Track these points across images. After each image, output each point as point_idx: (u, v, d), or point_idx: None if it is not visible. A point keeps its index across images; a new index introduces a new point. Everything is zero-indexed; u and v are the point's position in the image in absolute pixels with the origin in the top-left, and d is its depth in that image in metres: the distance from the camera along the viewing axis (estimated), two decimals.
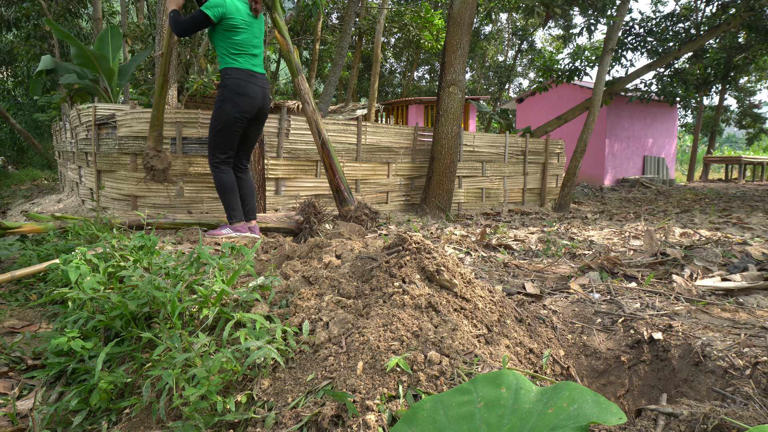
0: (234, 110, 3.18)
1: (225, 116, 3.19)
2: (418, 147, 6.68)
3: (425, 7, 15.11)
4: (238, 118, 3.21)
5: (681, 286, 2.18)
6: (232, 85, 3.16)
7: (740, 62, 11.26)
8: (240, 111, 3.20)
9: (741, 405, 1.21)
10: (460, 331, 1.33)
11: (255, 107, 3.28)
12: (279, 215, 3.84)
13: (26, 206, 7.19)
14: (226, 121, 3.20)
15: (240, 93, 3.17)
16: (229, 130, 3.23)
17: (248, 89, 3.20)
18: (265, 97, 3.35)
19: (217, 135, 3.24)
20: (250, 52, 3.25)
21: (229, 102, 3.16)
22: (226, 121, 3.20)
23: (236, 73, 3.19)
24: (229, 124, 3.21)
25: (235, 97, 3.16)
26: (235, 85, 3.16)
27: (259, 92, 3.28)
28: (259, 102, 3.29)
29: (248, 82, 3.21)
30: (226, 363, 1.22)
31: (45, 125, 14.91)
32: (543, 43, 25.72)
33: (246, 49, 3.22)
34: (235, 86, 3.16)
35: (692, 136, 22.94)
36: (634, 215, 6.64)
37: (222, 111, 3.18)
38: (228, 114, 3.18)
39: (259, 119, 3.41)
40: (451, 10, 6.10)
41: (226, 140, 3.26)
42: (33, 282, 2.50)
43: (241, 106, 3.19)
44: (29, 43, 11.09)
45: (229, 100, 3.16)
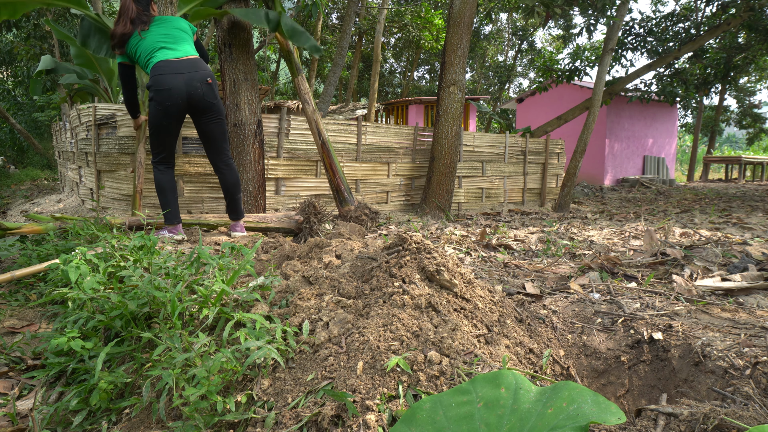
0: (156, 110, 3.03)
1: (152, 119, 3.07)
2: (418, 147, 6.68)
3: (425, 7, 15.11)
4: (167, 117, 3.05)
5: (681, 286, 2.18)
6: (151, 85, 3.02)
7: (740, 62, 11.26)
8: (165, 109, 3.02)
9: (741, 405, 1.21)
10: (460, 331, 1.33)
11: (179, 98, 3.02)
12: (279, 215, 3.83)
13: (26, 206, 7.20)
14: (152, 123, 3.08)
15: (158, 90, 2.99)
16: (158, 131, 3.10)
17: (163, 83, 2.99)
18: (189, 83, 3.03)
19: (151, 137, 3.15)
20: (159, 46, 3.10)
21: (154, 103, 3.02)
22: (152, 123, 3.08)
23: (153, 72, 3.04)
24: (157, 125, 3.08)
25: (155, 95, 3.00)
26: (153, 84, 3.01)
27: (175, 81, 3.00)
28: (180, 91, 3.01)
29: (162, 75, 3.01)
30: (226, 363, 1.22)
31: (45, 125, 14.91)
32: (543, 43, 25.73)
33: (153, 47, 3.10)
34: (153, 85, 3.01)
35: (692, 136, 22.94)
36: (634, 215, 6.65)
37: (149, 113, 3.08)
38: (154, 116, 3.05)
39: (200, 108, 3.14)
40: (451, 10, 6.10)
41: (160, 143, 3.14)
42: (33, 282, 2.50)
43: (161, 103, 3.00)
44: (29, 43, 11.09)
45: (154, 101, 3.02)
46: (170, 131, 3.14)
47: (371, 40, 15.78)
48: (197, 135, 4.95)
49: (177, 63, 3.05)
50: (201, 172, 5.00)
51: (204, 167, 5.00)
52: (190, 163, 4.93)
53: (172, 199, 3.21)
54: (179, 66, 3.04)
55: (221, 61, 4.13)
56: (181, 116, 3.13)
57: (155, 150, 3.17)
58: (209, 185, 5.06)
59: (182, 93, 3.01)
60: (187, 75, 3.03)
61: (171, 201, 3.20)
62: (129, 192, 4.86)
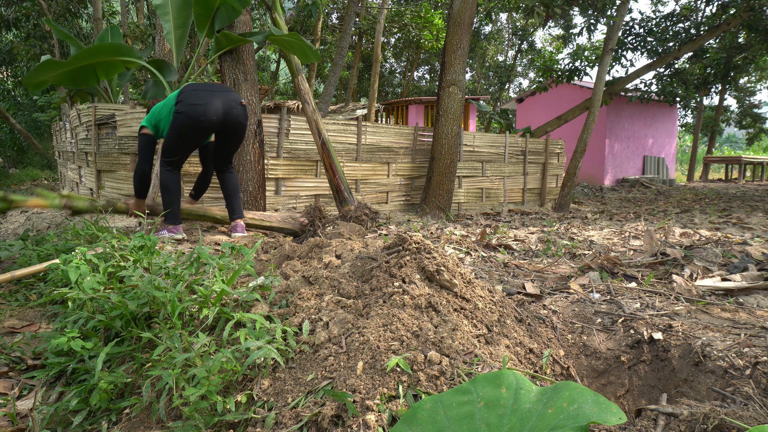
0: (189, 124, 3.06)
1: (178, 129, 3.09)
2: (418, 147, 6.68)
3: (425, 7, 15.11)
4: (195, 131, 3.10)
5: (681, 286, 2.18)
6: (183, 99, 3.06)
7: (740, 62, 11.26)
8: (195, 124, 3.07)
9: (741, 405, 1.21)
10: (460, 331, 1.33)
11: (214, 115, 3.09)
12: (283, 215, 3.82)
13: None
14: (177, 132, 3.11)
15: (191, 104, 3.04)
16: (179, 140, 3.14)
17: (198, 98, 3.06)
18: (227, 103, 3.14)
19: (169, 143, 3.14)
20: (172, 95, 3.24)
21: (182, 115, 3.06)
22: (177, 133, 3.11)
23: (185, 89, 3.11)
24: (181, 135, 3.11)
25: (187, 110, 3.04)
26: (185, 98, 3.06)
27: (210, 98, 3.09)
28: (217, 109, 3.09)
29: (197, 91, 3.08)
30: (226, 363, 1.22)
31: (45, 125, 14.91)
32: (543, 43, 25.72)
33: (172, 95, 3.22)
34: (186, 99, 3.06)
35: (692, 136, 22.94)
36: (634, 215, 6.65)
37: (174, 126, 3.09)
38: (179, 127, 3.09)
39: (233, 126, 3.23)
40: (451, 10, 6.10)
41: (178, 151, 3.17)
42: (33, 282, 2.50)
43: (195, 119, 3.05)
44: (29, 43, 11.09)
45: (182, 113, 3.06)
46: (193, 145, 3.20)
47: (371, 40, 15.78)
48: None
49: (210, 84, 3.17)
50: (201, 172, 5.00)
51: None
52: (190, 163, 4.93)
53: (176, 200, 3.23)
54: (214, 86, 3.17)
55: (221, 61, 4.13)
56: (210, 133, 3.22)
57: (170, 155, 3.18)
58: (209, 185, 5.06)
59: (219, 112, 3.10)
60: (224, 95, 3.15)
61: (174, 201, 3.22)
62: (129, 192, 4.86)
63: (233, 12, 3.82)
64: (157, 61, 4.05)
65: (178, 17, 3.90)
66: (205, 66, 4.62)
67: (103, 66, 3.83)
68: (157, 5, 3.91)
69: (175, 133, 3.11)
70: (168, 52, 7.06)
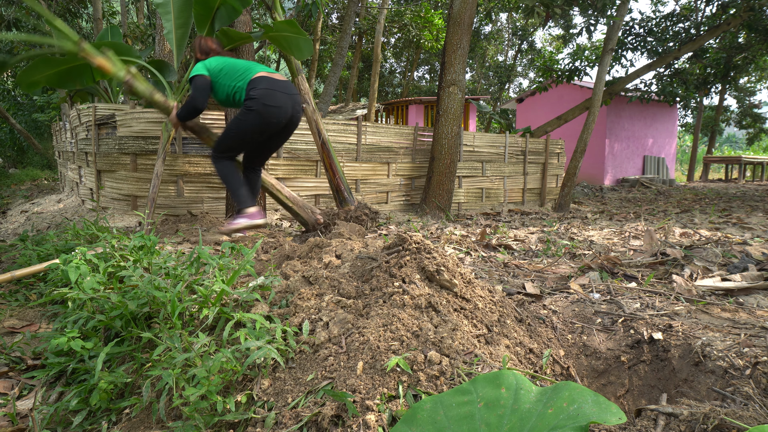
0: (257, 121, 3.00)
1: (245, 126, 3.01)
2: (418, 147, 6.68)
3: (425, 7, 15.11)
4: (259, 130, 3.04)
5: (681, 286, 2.18)
6: (259, 96, 2.97)
7: (740, 62, 11.26)
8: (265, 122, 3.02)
9: (741, 405, 1.21)
10: (460, 331, 1.33)
11: (283, 117, 3.07)
12: (304, 203, 3.77)
13: (26, 206, 7.20)
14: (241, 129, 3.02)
15: (267, 104, 2.98)
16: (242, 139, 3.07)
17: (274, 99, 3.00)
18: (294, 105, 3.13)
19: (227, 138, 3.07)
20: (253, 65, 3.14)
21: (255, 113, 2.97)
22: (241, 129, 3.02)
23: (260, 83, 3.01)
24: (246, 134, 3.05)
25: (261, 108, 2.97)
26: (261, 95, 2.97)
27: (285, 101, 3.05)
28: (286, 112, 3.08)
29: (273, 90, 3.01)
30: (226, 363, 1.22)
31: (45, 125, 14.91)
32: (543, 43, 25.72)
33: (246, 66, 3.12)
34: (262, 96, 2.97)
35: (692, 136, 22.95)
36: (634, 215, 6.65)
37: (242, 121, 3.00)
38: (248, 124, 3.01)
39: (289, 128, 3.23)
40: (451, 10, 6.10)
41: (234, 147, 3.11)
42: (33, 282, 2.50)
43: (266, 117, 3.00)
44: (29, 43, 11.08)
45: (256, 111, 2.97)
46: (255, 141, 3.15)
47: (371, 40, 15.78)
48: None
49: (283, 83, 3.11)
50: (201, 172, 5.00)
51: (204, 167, 5.00)
52: (190, 163, 4.93)
53: (241, 185, 3.12)
54: (286, 87, 3.12)
55: None
56: (273, 132, 3.18)
57: (227, 150, 3.10)
58: (209, 185, 5.06)
59: (288, 113, 3.10)
60: (292, 97, 3.13)
61: (240, 186, 3.11)
62: (129, 192, 4.86)
63: (233, 12, 3.82)
64: (157, 62, 4.05)
65: (179, 17, 3.90)
66: None
67: None
68: (158, 5, 3.91)
69: (239, 128, 3.03)
70: (168, 52, 7.05)
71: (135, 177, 4.81)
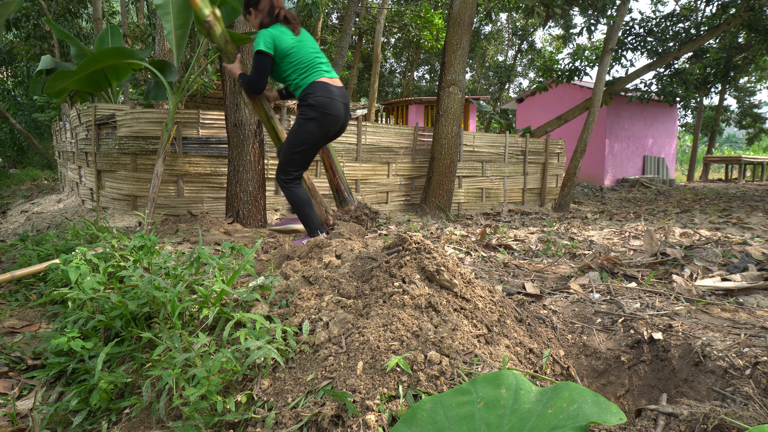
0: (317, 129, 2.97)
1: (308, 136, 2.97)
2: (418, 147, 6.68)
3: (425, 7, 15.10)
4: (321, 138, 3.01)
5: (681, 286, 2.18)
6: (318, 104, 2.94)
7: (740, 62, 11.26)
8: (324, 131, 3.00)
9: (741, 405, 1.21)
10: (460, 331, 1.33)
11: (338, 125, 3.07)
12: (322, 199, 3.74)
13: (26, 206, 7.20)
14: (308, 141, 2.98)
15: (326, 113, 2.96)
16: (309, 151, 3.03)
17: (332, 108, 2.98)
18: (347, 113, 3.13)
19: (294, 155, 3.00)
20: (317, 62, 3.04)
21: (314, 122, 2.95)
22: (308, 142, 2.98)
23: (318, 90, 2.96)
24: (312, 145, 3.01)
25: (320, 116, 2.95)
26: (321, 103, 2.94)
27: (341, 109, 3.04)
28: (342, 120, 3.07)
29: (331, 99, 2.98)
30: (226, 363, 1.22)
31: (45, 125, 14.91)
32: (543, 43, 25.73)
33: (311, 61, 3.03)
34: (321, 105, 2.94)
35: (692, 136, 22.94)
36: (634, 215, 6.65)
37: (305, 131, 2.96)
38: (311, 133, 2.97)
39: (336, 135, 3.21)
40: (451, 10, 6.10)
41: (303, 159, 3.05)
42: (33, 282, 2.50)
43: (325, 126, 2.98)
44: (29, 43, 11.09)
45: (315, 119, 2.95)
46: (317, 150, 3.11)
47: (371, 40, 15.78)
48: (198, 136, 4.95)
49: (339, 90, 3.07)
50: (201, 172, 5.00)
51: (204, 167, 5.00)
52: (190, 163, 4.94)
53: (313, 210, 3.10)
54: (341, 94, 3.08)
55: (221, 61, 4.13)
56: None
57: (296, 166, 3.03)
58: (209, 185, 5.06)
59: (342, 120, 3.07)
60: (345, 104, 3.09)
61: (312, 212, 3.09)
62: (129, 192, 4.86)
63: (233, 12, 3.82)
64: (158, 62, 4.06)
65: (179, 17, 3.90)
66: (205, 66, 4.63)
67: (112, 69, 3.93)
68: (157, 5, 3.91)
69: (301, 139, 2.97)
70: (168, 51, 7.06)
71: (135, 177, 4.81)
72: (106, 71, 3.92)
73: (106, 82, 4.01)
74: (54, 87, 3.72)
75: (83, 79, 3.83)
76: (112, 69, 3.94)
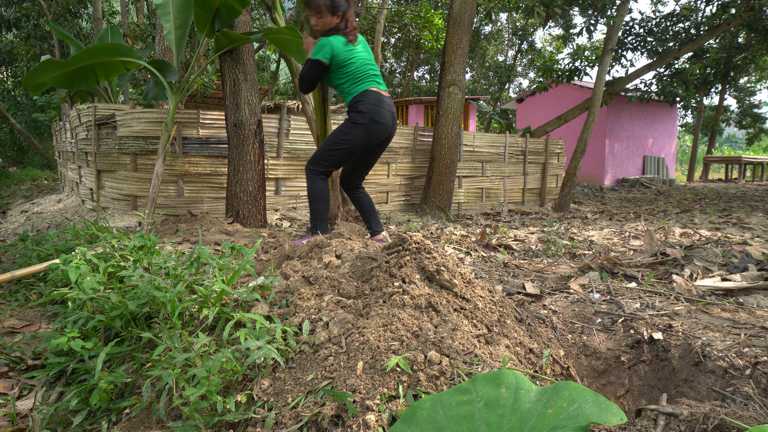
0: (362, 136, 3.01)
1: (352, 141, 3.01)
2: (418, 147, 6.68)
3: (425, 7, 15.10)
4: (363, 144, 3.04)
5: (681, 286, 2.18)
6: (368, 110, 2.98)
7: (740, 62, 11.26)
8: (368, 137, 3.03)
9: (741, 405, 1.21)
10: (460, 331, 1.33)
11: (384, 134, 3.10)
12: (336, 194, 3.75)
13: (26, 206, 7.20)
14: (348, 143, 3.01)
15: (375, 120, 3.00)
16: (347, 153, 3.06)
17: (381, 116, 3.02)
18: (394, 122, 3.15)
19: (332, 152, 3.04)
20: (370, 73, 3.08)
21: (361, 128, 2.99)
22: (348, 144, 3.02)
23: (369, 98, 3.00)
24: (351, 149, 3.04)
25: (369, 123, 2.99)
26: (371, 111, 2.99)
27: (389, 118, 3.08)
28: (389, 129, 3.11)
29: (380, 107, 3.02)
30: (226, 363, 1.22)
31: (45, 125, 14.91)
32: (543, 43, 25.73)
33: (365, 73, 3.06)
34: (371, 112, 2.99)
35: (692, 136, 22.95)
36: (634, 215, 6.65)
37: (351, 135, 3.00)
38: (356, 139, 3.01)
39: (385, 143, 3.23)
40: (451, 10, 6.10)
41: (338, 159, 3.09)
42: (33, 282, 2.50)
43: (371, 133, 3.02)
44: (29, 43, 11.09)
45: (363, 126, 2.98)
46: (354, 155, 3.14)
47: (371, 40, 15.78)
48: (198, 136, 4.95)
49: (388, 100, 3.11)
50: (201, 172, 5.00)
51: (204, 167, 5.00)
52: (190, 163, 4.93)
53: (327, 209, 3.12)
54: (390, 104, 3.13)
55: (221, 61, 4.13)
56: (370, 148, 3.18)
57: (328, 163, 3.06)
58: (209, 185, 5.06)
59: (388, 130, 3.11)
60: (393, 114, 3.13)
61: (326, 210, 3.11)
62: (129, 192, 4.86)
63: (233, 12, 3.82)
64: (157, 62, 4.05)
65: (179, 17, 3.90)
66: (205, 66, 4.63)
67: (102, 67, 3.81)
68: (157, 5, 3.91)
69: (343, 141, 3.00)
70: (168, 52, 7.05)
71: (135, 177, 4.81)
72: (95, 68, 3.75)
73: (94, 80, 3.84)
74: (34, 79, 3.51)
75: (68, 75, 3.66)
76: (103, 66, 3.79)
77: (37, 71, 3.48)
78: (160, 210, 4.74)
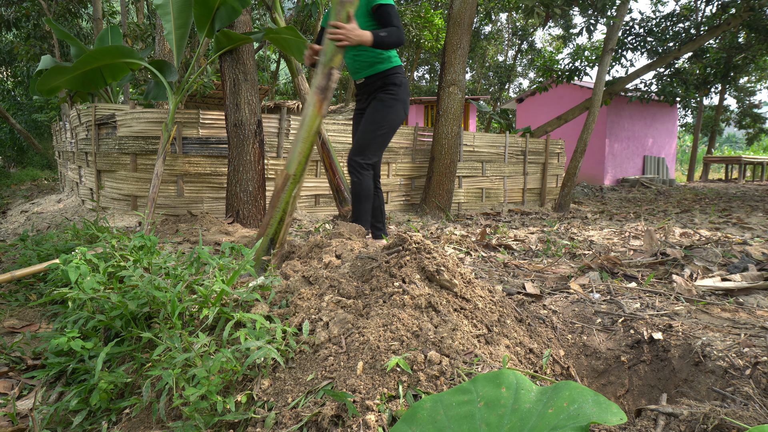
0: (403, 114, 2.84)
1: (395, 119, 2.80)
2: (418, 147, 6.68)
3: (425, 6, 15.10)
4: (400, 124, 2.88)
5: (681, 286, 2.18)
6: (404, 85, 2.79)
7: (740, 62, 11.26)
8: (404, 116, 2.88)
9: (741, 405, 1.21)
10: (460, 331, 1.32)
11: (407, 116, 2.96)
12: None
13: (26, 206, 7.19)
14: (394, 123, 2.82)
15: (407, 97, 2.86)
16: (391, 135, 2.86)
17: (409, 94, 2.88)
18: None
19: (378, 137, 2.79)
20: None
21: (402, 104, 2.80)
22: (392, 125, 2.81)
23: (402, 73, 2.84)
24: (394, 128, 2.84)
25: (406, 99, 2.83)
26: (406, 86, 2.82)
27: None
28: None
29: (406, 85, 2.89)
30: (226, 363, 1.22)
31: (45, 125, 14.91)
32: (543, 43, 25.73)
33: None
34: (406, 87, 2.82)
35: (692, 136, 22.94)
36: (634, 215, 6.65)
37: (393, 112, 2.78)
38: (398, 117, 2.81)
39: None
40: (451, 10, 6.10)
41: (383, 143, 2.86)
42: (33, 282, 2.50)
43: (406, 112, 2.87)
44: (29, 43, 11.09)
45: (402, 102, 2.80)
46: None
47: None
48: (198, 136, 4.95)
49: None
50: (201, 172, 5.00)
51: (204, 167, 5.00)
52: (190, 163, 4.94)
53: (368, 209, 2.88)
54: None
55: (221, 61, 4.13)
56: None
57: (376, 149, 2.81)
58: (209, 185, 5.06)
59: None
60: None
61: (368, 210, 2.87)
62: (129, 192, 4.86)
63: (233, 12, 3.82)
64: (157, 62, 4.05)
65: (179, 17, 3.90)
66: (205, 66, 4.62)
67: (109, 69, 3.90)
68: (157, 5, 3.91)
69: (392, 124, 2.78)
70: (168, 52, 7.05)
71: (135, 177, 4.81)
72: (102, 70, 3.87)
73: (102, 82, 3.96)
74: (47, 84, 3.61)
75: (78, 78, 3.77)
76: (109, 68, 3.89)
77: (48, 76, 3.57)
78: (160, 210, 4.74)
